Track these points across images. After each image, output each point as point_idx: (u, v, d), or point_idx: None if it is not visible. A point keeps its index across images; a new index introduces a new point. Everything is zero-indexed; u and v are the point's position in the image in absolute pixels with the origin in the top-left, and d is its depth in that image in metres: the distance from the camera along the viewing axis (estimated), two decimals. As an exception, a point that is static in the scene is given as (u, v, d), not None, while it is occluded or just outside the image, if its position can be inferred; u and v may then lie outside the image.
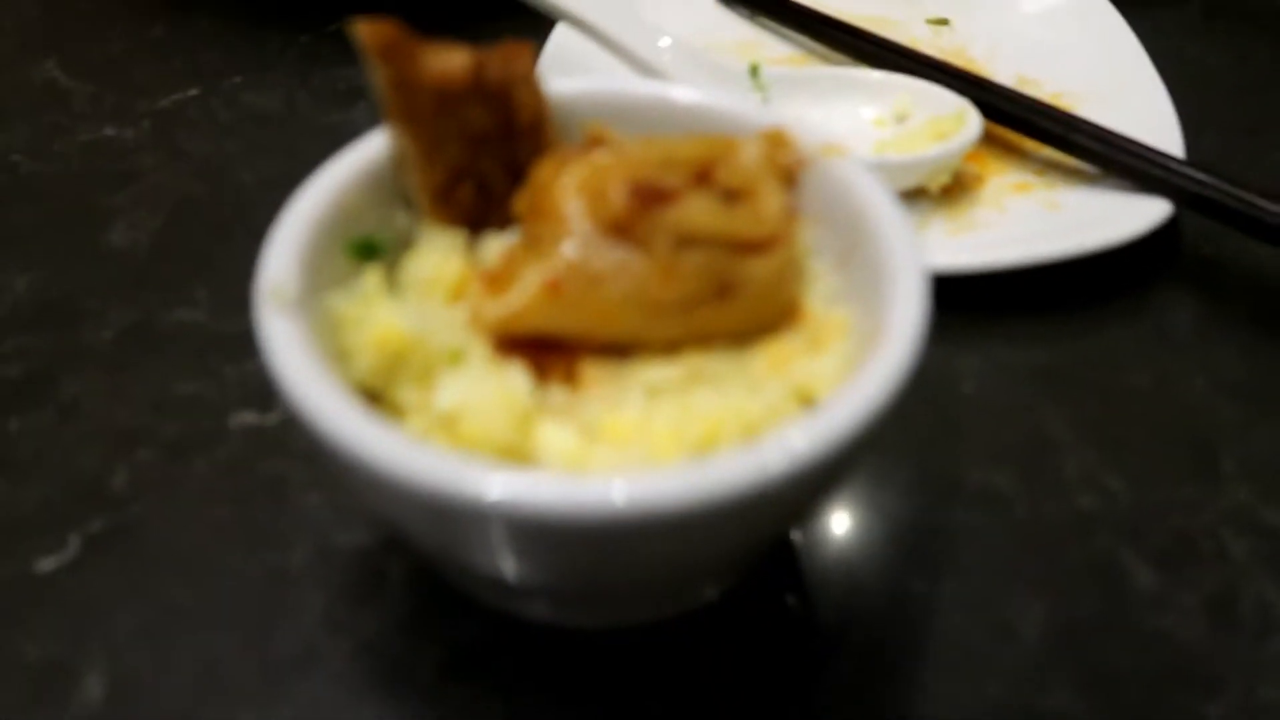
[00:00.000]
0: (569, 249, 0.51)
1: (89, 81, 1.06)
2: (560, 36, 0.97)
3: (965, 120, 0.86)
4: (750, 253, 0.52)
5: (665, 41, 0.93)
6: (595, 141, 0.58)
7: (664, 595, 0.57)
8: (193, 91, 1.04)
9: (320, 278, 0.53)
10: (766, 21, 1.09)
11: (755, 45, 1.07)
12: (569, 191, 0.52)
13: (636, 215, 0.50)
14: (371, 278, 0.54)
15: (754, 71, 0.92)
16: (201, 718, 0.54)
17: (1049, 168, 0.90)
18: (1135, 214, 0.81)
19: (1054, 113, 0.88)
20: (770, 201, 0.54)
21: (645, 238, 0.50)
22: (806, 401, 0.52)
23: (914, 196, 0.86)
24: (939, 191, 0.86)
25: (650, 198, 0.50)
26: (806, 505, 0.48)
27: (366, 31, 0.51)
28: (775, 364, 0.51)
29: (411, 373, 0.53)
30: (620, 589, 0.53)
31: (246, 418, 0.70)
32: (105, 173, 0.93)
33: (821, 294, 0.57)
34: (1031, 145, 0.91)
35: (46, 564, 0.61)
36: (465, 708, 0.55)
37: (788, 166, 0.59)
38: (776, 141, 0.59)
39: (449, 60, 0.54)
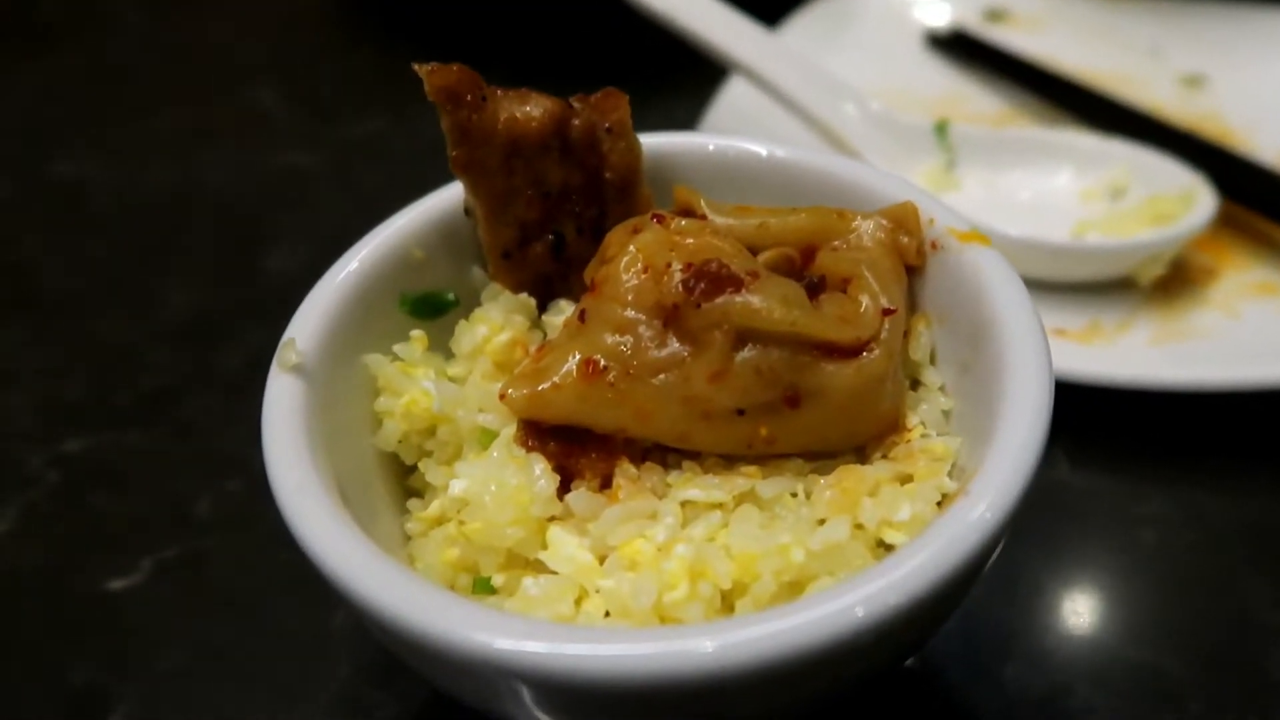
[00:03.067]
0: (616, 330, 0.44)
1: (294, 106, 1.11)
2: (734, 91, 0.90)
3: (1194, 200, 0.71)
4: (830, 357, 0.43)
5: (850, 108, 0.83)
6: (684, 209, 0.51)
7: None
8: (379, 121, 1.07)
9: (369, 334, 0.50)
10: (979, 71, 0.97)
11: (961, 99, 0.95)
12: (628, 265, 0.45)
13: (691, 302, 0.42)
14: (416, 341, 0.50)
15: (940, 130, 0.81)
16: (203, 778, 0.52)
17: (1306, 266, 0.72)
18: None
19: (1317, 199, 0.71)
20: (869, 295, 0.45)
21: (699, 329, 0.42)
22: (881, 549, 0.42)
23: (1120, 289, 0.72)
24: (1151, 285, 0.71)
25: (711, 282, 0.43)
26: (880, 664, 0.38)
27: (430, 74, 0.47)
28: (845, 498, 0.42)
29: (441, 449, 0.48)
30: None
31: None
32: (281, 198, 0.97)
33: (931, 413, 0.46)
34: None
35: (116, 584, 0.62)
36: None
37: (911, 251, 0.49)
38: (901, 221, 0.49)
39: (524, 109, 0.49)
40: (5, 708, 0.56)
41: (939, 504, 0.42)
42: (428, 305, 0.53)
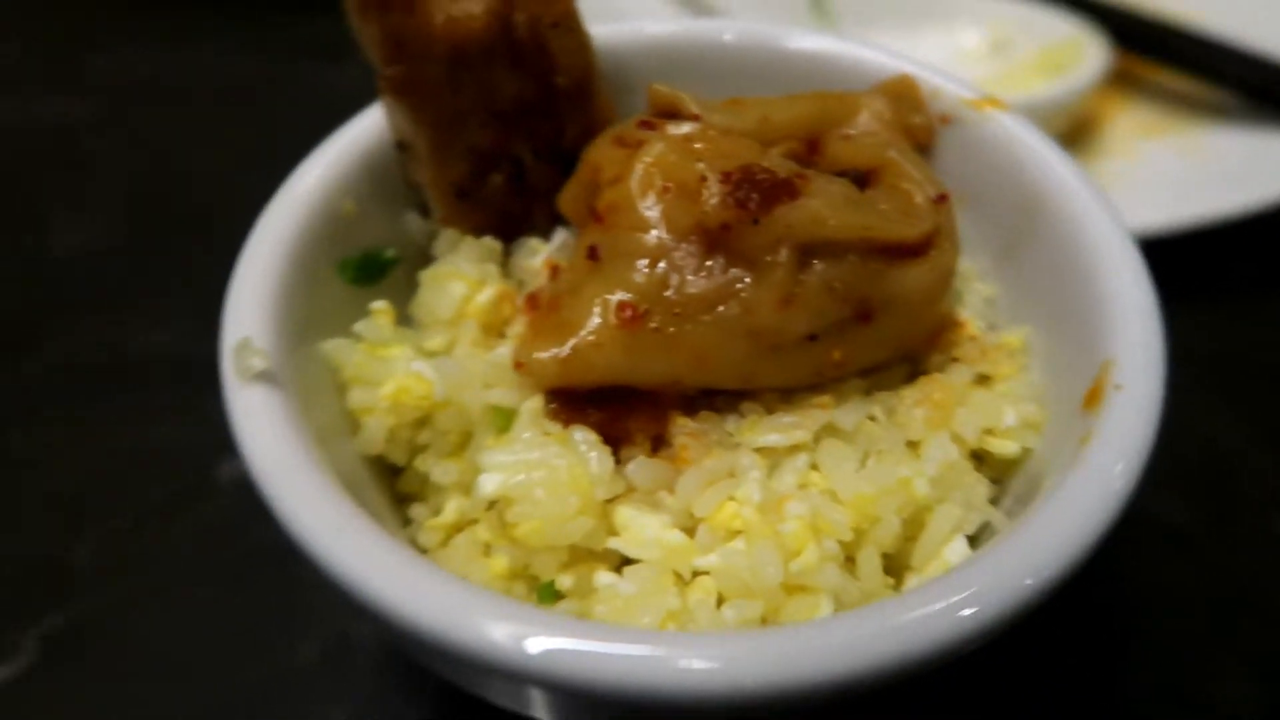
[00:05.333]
0: (643, 264, 0.37)
1: (25, 46, 0.91)
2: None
3: (1084, 50, 0.71)
4: (898, 258, 0.38)
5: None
6: (666, 110, 0.44)
7: None
8: (150, 57, 0.89)
9: (316, 314, 0.40)
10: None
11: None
12: (645, 184, 0.37)
13: (747, 217, 0.36)
14: (380, 315, 0.40)
15: (816, 2, 0.77)
16: None
17: (1181, 102, 0.74)
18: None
19: (1196, 36, 0.72)
20: (913, 184, 0.40)
21: (758, 249, 0.36)
22: (983, 459, 0.39)
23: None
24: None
25: (764, 191, 0.36)
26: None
27: (350, -28, 0.36)
28: (939, 412, 0.37)
29: (440, 440, 0.39)
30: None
31: (236, 467, 0.57)
32: (47, 160, 0.79)
33: (974, 303, 0.43)
34: (1155, 73, 0.76)
35: (-6, 675, 0.49)
36: None
37: (922, 130, 0.44)
38: (903, 97, 0.45)
39: (461, 6, 0.40)
40: None
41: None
42: (370, 268, 0.43)
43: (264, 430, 0.33)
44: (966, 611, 0.29)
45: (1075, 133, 0.72)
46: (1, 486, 0.56)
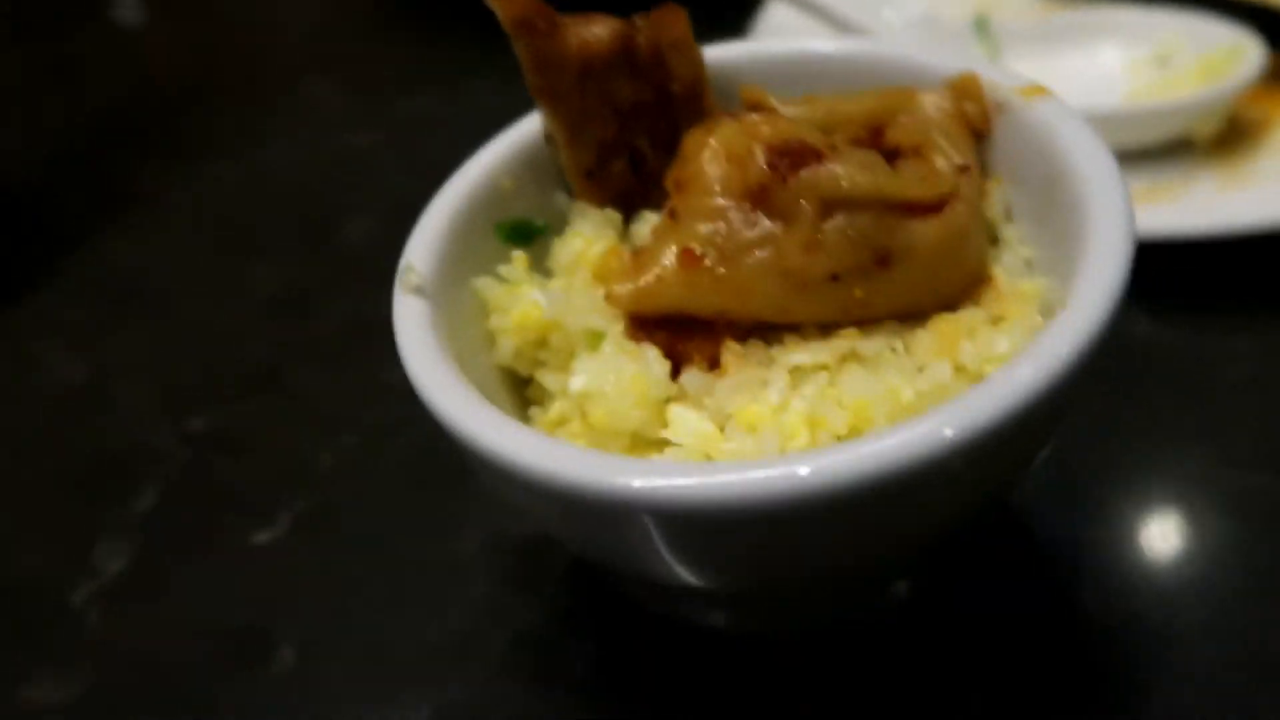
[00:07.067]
0: (707, 219, 0.47)
1: (345, 93, 1.16)
2: (770, 18, 0.92)
3: (1242, 55, 0.71)
4: (913, 215, 0.45)
5: (890, 13, 0.85)
6: (752, 106, 0.54)
7: (824, 597, 0.51)
8: (429, 100, 1.11)
9: (472, 261, 0.53)
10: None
11: (994, -3, 0.96)
12: (710, 159, 0.48)
13: (778, 179, 0.45)
14: (518, 261, 0.53)
15: (980, 26, 0.82)
16: (369, 693, 0.56)
17: (1364, 107, 0.72)
18: None
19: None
20: (942, 156, 0.47)
21: (788, 204, 0.45)
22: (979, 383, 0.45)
23: (1178, 149, 0.72)
24: (1211, 141, 0.72)
25: (794, 159, 0.45)
26: (973, 493, 0.41)
27: (503, 6, 0.50)
28: (944, 342, 0.44)
29: (554, 356, 0.51)
30: (765, 588, 0.48)
31: (439, 405, 0.72)
32: (344, 178, 1.01)
33: (1013, 263, 0.48)
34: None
35: (260, 537, 0.66)
36: (613, 708, 0.53)
37: (977, 117, 0.51)
38: (964, 90, 0.51)
39: (591, 31, 0.52)
40: (179, 651, 0.60)
41: (1034, 339, 0.44)
42: (520, 232, 0.56)
43: (413, 329, 0.46)
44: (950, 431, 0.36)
45: (1236, 135, 0.73)
46: (280, 409, 0.76)
